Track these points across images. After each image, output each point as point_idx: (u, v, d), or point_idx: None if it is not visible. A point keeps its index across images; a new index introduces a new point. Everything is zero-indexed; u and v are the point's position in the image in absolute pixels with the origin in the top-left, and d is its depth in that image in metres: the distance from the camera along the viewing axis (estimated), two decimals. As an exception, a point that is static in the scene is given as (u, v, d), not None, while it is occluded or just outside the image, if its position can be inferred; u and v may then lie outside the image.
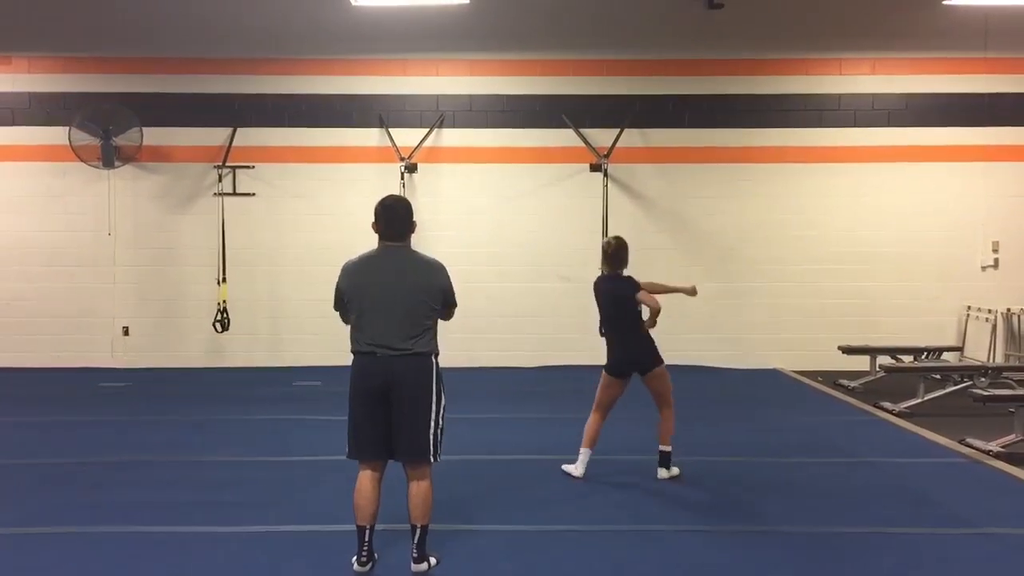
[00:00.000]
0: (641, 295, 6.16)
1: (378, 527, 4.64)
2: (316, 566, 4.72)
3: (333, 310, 4.73)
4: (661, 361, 6.37)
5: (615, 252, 6.34)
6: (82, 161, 11.18)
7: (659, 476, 6.37)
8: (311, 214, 11.63)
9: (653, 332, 6.34)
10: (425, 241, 10.16)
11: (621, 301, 6.29)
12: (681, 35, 11.51)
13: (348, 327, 4.65)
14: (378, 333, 4.49)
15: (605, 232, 10.80)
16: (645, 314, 6.19)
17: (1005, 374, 9.15)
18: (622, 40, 11.51)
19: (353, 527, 4.59)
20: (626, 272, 6.37)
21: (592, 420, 6.42)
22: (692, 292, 6.77)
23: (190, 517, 5.52)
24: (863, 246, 11.66)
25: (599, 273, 6.63)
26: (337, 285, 4.63)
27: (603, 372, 6.44)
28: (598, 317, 6.61)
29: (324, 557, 4.81)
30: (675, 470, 6.43)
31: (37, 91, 11.58)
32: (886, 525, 5.39)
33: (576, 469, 6.39)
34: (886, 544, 5.09)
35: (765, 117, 11.64)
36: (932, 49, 11.54)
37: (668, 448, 6.41)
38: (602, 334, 6.55)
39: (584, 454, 6.40)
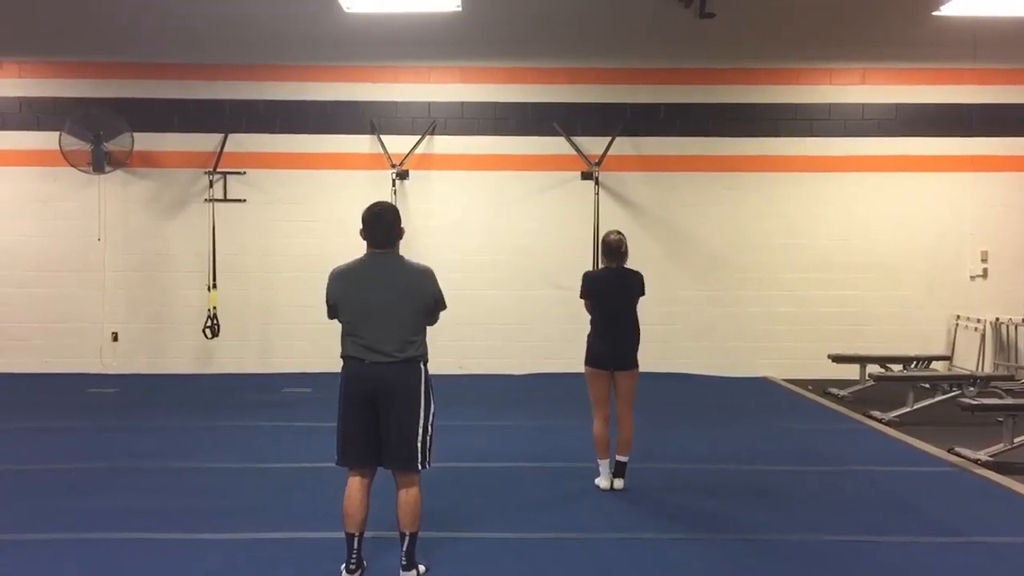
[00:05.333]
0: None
1: (367, 534, 4.63)
2: (304, 573, 4.71)
3: (328, 319, 4.69)
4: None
5: (623, 246, 6.38)
6: (72, 166, 11.15)
7: (614, 486, 6.28)
8: (302, 220, 11.62)
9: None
10: (416, 248, 10.19)
11: (632, 294, 6.35)
12: (672, 44, 11.53)
13: (340, 332, 4.63)
14: (367, 339, 4.48)
15: (596, 241, 10.80)
16: None
17: (994, 383, 9.18)
18: (613, 48, 11.53)
19: (342, 534, 4.58)
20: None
21: (598, 426, 6.32)
22: None
23: (179, 523, 5.50)
24: (853, 255, 11.71)
25: (594, 268, 6.60)
26: (326, 294, 4.62)
27: (588, 368, 6.34)
28: (588, 311, 6.44)
29: (312, 564, 4.80)
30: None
31: (28, 96, 11.56)
32: (873, 534, 5.40)
33: (602, 482, 6.33)
34: (873, 553, 5.10)
35: (755, 126, 11.69)
36: (922, 59, 11.60)
37: (627, 458, 6.35)
38: (595, 330, 6.39)
39: (603, 466, 6.35)
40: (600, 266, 6.61)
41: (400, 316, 4.50)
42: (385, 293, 4.50)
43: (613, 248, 6.38)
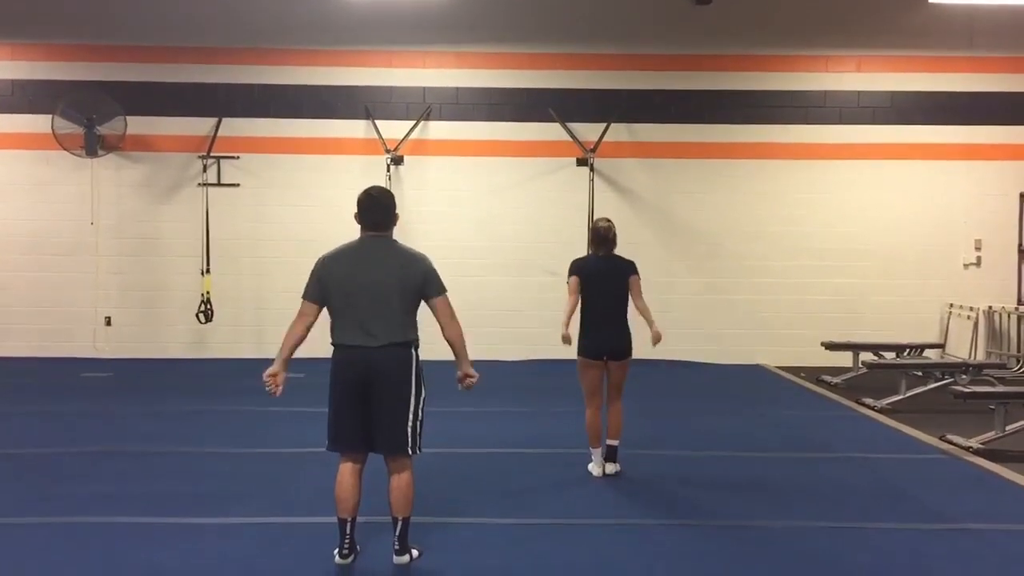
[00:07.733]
0: (639, 301, 6.36)
1: (360, 519, 4.63)
2: (298, 558, 4.71)
3: (303, 298, 4.64)
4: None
5: (612, 234, 6.35)
6: (65, 149, 11.10)
7: (607, 472, 6.28)
8: (296, 205, 11.59)
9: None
10: (410, 234, 10.14)
11: (622, 281, 6.31)
12: (669, 30, 11.52)
13: (330, 318, 4.63)
14: (358, 324, 4.47)
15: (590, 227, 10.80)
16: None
17: (986, 371, 9.20)
18: (610, 34, 11.51)
19: (335, 519, 4.58)
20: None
21: (590, 416, 6.30)
22: (655, 338, 6.45)
23: (173, 508, 5.49)
24: (847, 243, 11.72)
25: (584, 255, 6.58)
26: (313, 273, 4.59)
27: (582, 359, 6.32)
28: (570, 293, 6.37)
29: (306, 549, 4.80)
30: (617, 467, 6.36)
31: (20, 78, 11.49)
32: (864, 520, 5.42)
33: (595, 469, 6.33)
34: (864, 539, 5.11)
35: (751, 113, 11.67)
36: (917, 47, 11.59)
37: (618, 442, 6.35)
38: (587, 319, 6.35)
39: (595, 454, 6.33)
40: (589, 253, 6.59)
41: (391, 300, 4.49)
42: (377, 276, 4.48)
43: (602, 235, 6.36)
